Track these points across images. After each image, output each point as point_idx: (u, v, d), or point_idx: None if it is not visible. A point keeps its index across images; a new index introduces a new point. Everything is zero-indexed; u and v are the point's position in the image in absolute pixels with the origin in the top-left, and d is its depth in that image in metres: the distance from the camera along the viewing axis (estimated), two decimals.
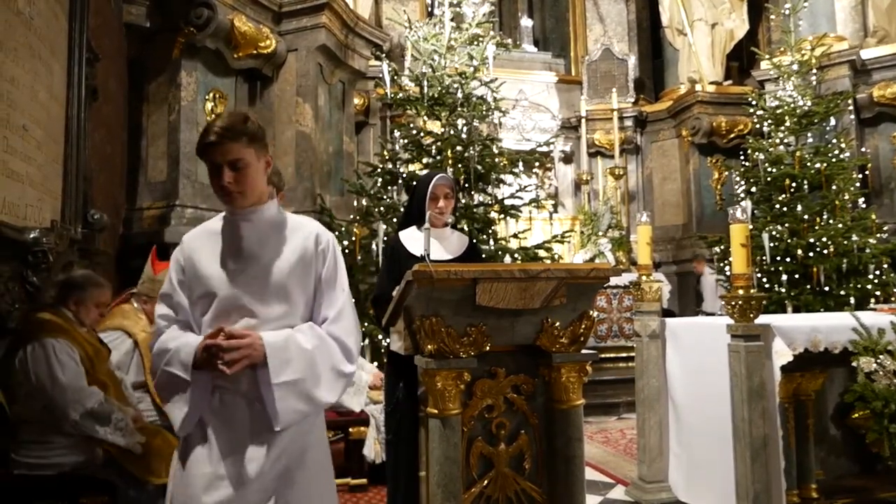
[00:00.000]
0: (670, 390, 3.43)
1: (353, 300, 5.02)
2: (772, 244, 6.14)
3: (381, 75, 5.96)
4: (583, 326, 2.15)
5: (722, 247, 6.72)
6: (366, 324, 4.73)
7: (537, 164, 7.13)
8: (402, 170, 5.45)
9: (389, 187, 5.45)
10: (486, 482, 2.09)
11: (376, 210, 5.24)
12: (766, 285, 6.14)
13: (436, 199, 2.59)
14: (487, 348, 2.07)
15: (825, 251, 6.02)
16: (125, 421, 2.52)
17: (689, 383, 3.31)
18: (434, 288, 1.98)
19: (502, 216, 5.46)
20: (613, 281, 6.61)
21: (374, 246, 4.98)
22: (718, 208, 8.65)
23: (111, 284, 4.29)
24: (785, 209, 6.40)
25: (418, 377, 2.18)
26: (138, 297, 3.38)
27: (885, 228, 6.67)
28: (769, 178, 6.57)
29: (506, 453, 2.12)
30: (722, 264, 6.71)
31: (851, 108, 7.39)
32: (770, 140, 6.77)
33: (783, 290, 6.01)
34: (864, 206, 6.80)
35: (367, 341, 4.65)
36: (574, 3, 10.07)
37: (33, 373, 2.39)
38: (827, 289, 6.00)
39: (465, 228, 5.00)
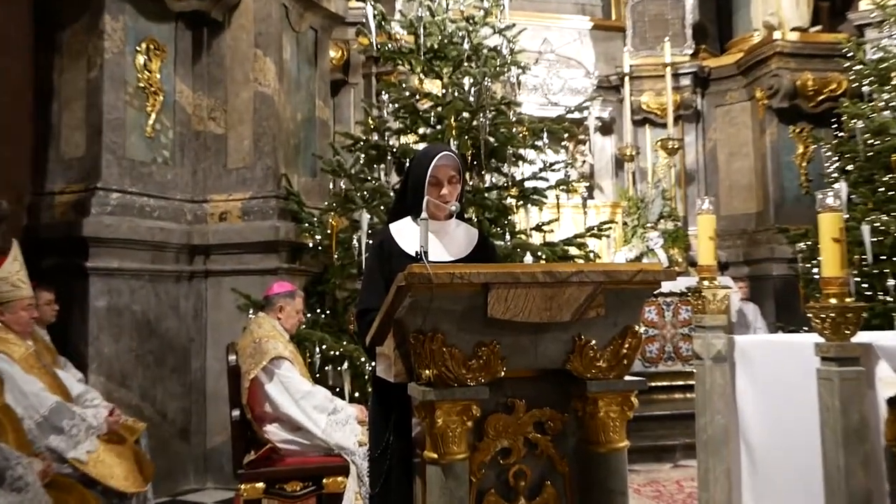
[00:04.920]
0: (742, 430, 3.42)
1: (329, 312, 4.94)
2: (874, 239, 6.11)
3: (364, 20, 5.95)
4: (626, 346, 2.15)
5: (808, 243, 6.70)
6: (345, 342, 4.73)
7: (567, 135, 7.10)
8: (391, 143, 5.44)
9: (375, 165, 5.44)
10: None
11: (358, 195, 5.23)
12: (868, 292, 6.12)
13: (437, 184, 2.58)
14: (502, 374, 2.07)
15: None
16: (25, 478, 2.49)
17: (767, 420, 3.30)
18: (433, 295, 1.98)
19: (521, 203, 5.45)
20: (666, 287, 6.59)
21: (355, 242, 4.98)
22: (804, 192, 8.63)
23: None
24: (891, 193, 6.37)
25: (412, 412, 2.17)
26: None
27: None
28: (870, 153, 6.53)
29: None
30: (808, 265, 6.69)
31: None
32: (871, 104, 6.74)
33: (889, 298, 5.98)
34: None
35: (346, 365, 4.65)
36: None
37: None
38: None
39: (475, 219, 4.99)
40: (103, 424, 3.42)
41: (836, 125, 7.51)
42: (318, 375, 4.58)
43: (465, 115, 5.23)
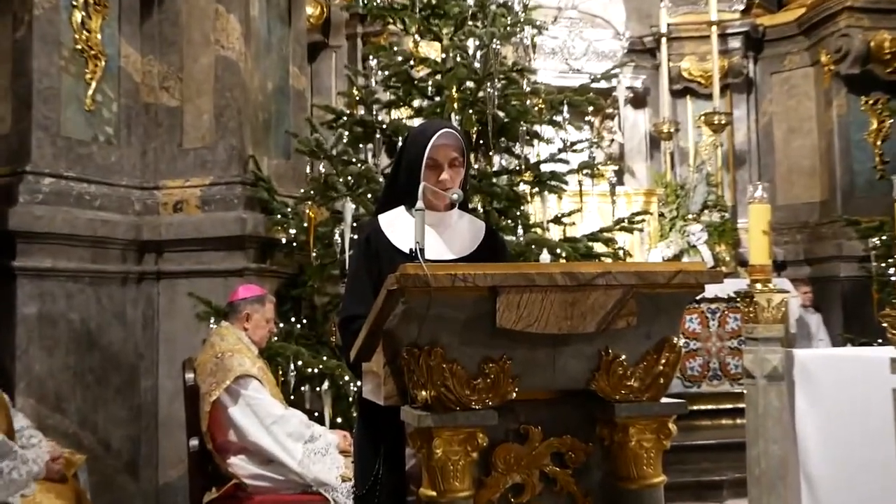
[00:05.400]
0: (802, 461, 3.43)
1: (306, 321, 4.94)
2: None
3: None
4: (663, 362, 2.16)
5: (883, 237, 6.70)
6: (325, 358, 4.74)
7: (592, 108, 7.09)
8: (381, 118, 5.44)
9: (361, 145, 5.44)
10: None
11: (341, 181, 5.24)
12: None
13: (436, 167, 2.59)
14: (514, 396, 2.08)
15: None
16: None
17: (833, 450, 3.30)
18: (431, 301, 1.98)
19: (537, 190, 5.45)
20: (711, 291, 6.60)
21: (337, 236, 4.99)
22: (879, 177, 8.63)
23: None
24: None
25: (406, 440, 2.18)
26: None
27: None
28: None
29: None
30: (883, 265, 6.70)
31: None
32: None
33: None
34: None
35: (326, 384, 4.67)
36: None
37: None
38: None
39: (481, 209, 5.00)
40: (43, 469, 3.46)
41: None
42: (292, 397, 4.59)
43: (470, 84, 5.23)
